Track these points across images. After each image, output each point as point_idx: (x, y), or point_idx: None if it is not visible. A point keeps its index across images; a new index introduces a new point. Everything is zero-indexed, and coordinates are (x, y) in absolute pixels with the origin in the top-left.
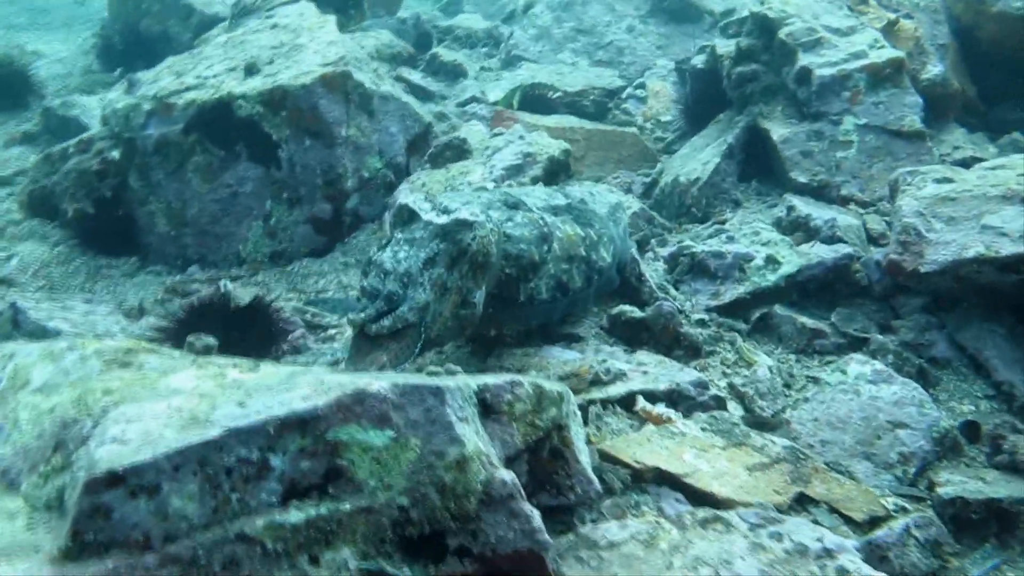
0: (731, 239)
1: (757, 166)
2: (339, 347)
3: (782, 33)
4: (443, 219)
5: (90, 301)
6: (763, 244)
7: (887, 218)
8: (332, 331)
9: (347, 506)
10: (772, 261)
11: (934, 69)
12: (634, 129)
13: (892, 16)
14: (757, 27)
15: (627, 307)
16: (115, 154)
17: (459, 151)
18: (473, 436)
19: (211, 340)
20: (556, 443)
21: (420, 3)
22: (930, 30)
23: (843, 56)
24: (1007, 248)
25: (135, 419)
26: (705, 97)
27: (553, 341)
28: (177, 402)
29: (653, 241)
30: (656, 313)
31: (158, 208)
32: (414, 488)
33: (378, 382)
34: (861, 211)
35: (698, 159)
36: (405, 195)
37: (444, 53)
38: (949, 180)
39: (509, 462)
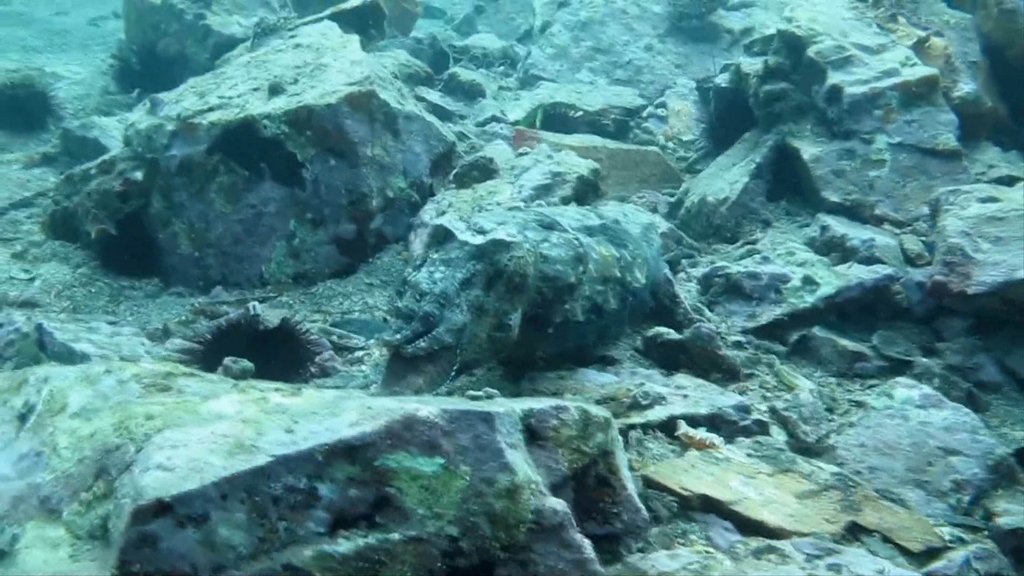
0: (766, 259)
1: (786, 186)
2: (368, 370)
3: (811, 51)
4: (479, 239)
5: (114, 323)
6: (799, 264)
7: (924, 238)
8: (359, 353)
9: (396, 536)
10: (810, 282)
11: (966, 87)
12: (656, 148)
13: (922, 34)
14: (785, 45)
15: (663, 329)
16: (138, 175)
17: (485, 171)
18: (523, 463)
19: (248, 363)
20: (602, 470)
21: (432, 23)
22: (960, 48)
23: (874, 74)
24: None
25: (180, 445)
26: (730, 116)
27: (587, 364)
28: (221, 428)
29: (684, 262)
30: (695, 335)
31: (181, 229)
32: (464, 517)
33: (427, 407)
34: (896, 231)
35: (725, 179)
36: (439, 217)
37: (462, 73)
38: (994, 199)
39: (555, 489)
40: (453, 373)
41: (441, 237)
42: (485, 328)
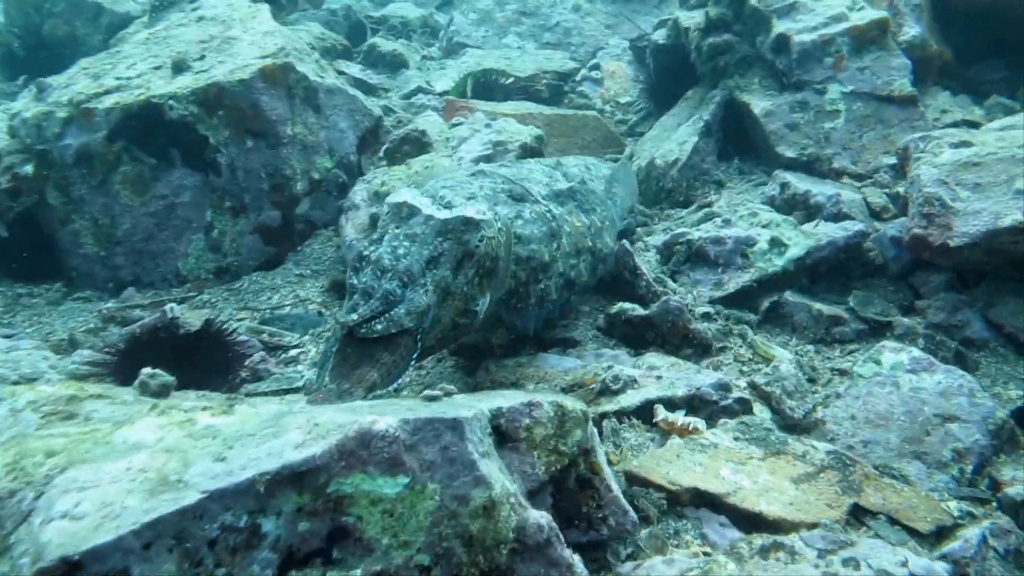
0: (727, 223)
1: (736, 143)
2: (305, 370)
3: None
4: (445, 214)
5: (10, 336)
6: (764, 226)
7: (887, 190)
8: (294, 351)
9: (358, 572)
10: (777, 244)
11: (911, 31)
12: (594, 112)
13: None
14: None
15: (627, 305)
16: (27, 169)
17: (418, 144)
18: (499, 475)
19: (168, 377)
20: (583, 470)
21: None
22: None
23: (822, 20)
24: None
25: (89, 486)
26: (669, 74)
27: (547, 347)
28: (140, 460)
29: (640, 230)
30: (662, 310)
31: (83, 226)
32: (435, 543)
33: (384, 419)
34: (857, 184)
35: (672, 140)
36: (398, 192)
37: (382, 43)
38: (968, 144)
39: (532, 497)
40: (412, 362)
41: (404, 213)
42: (450, 312)
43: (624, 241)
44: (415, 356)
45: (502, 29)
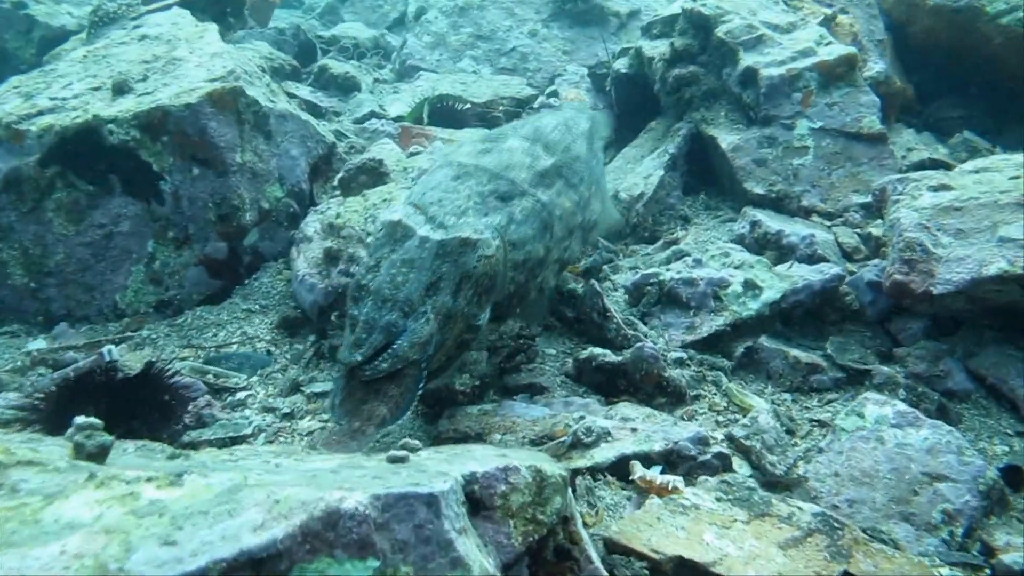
0: (699, 263)
1: (702, 177)
2: (252, 414)
3: (720, 31)
4: (440, 235)
5: None
6: (737, 267)
7: (858, 230)
8: (241, 394)
9: None
10: (751, 286)
11: (876, 66)
12: None
13: (828, 11)
14: (691, 25)
15: (598, 351)
16: None
17: (376, 174)
18: (476, 554)
19: (106, 437)
20: (562, 540)
21: (292, 13)
22: (867, 25)
23: (790, 54)
24: None
25: None
26: (631, 104)
27: (512, 393)
28: (75, 544)
29: (607, 268)
30: (636, 357)
31: (11, 256)
32: None
33: (353, 496)
34: (827, 223)
35: (637, 173)
36: (391, 212)
37: (333, 65)
38: (948, 187)
39: (507, 569)
40: (419, 393)
41: (399, 235)
42: (453, 335)
43: (593, 281)
44: (422, 384)
45: (457, 53)
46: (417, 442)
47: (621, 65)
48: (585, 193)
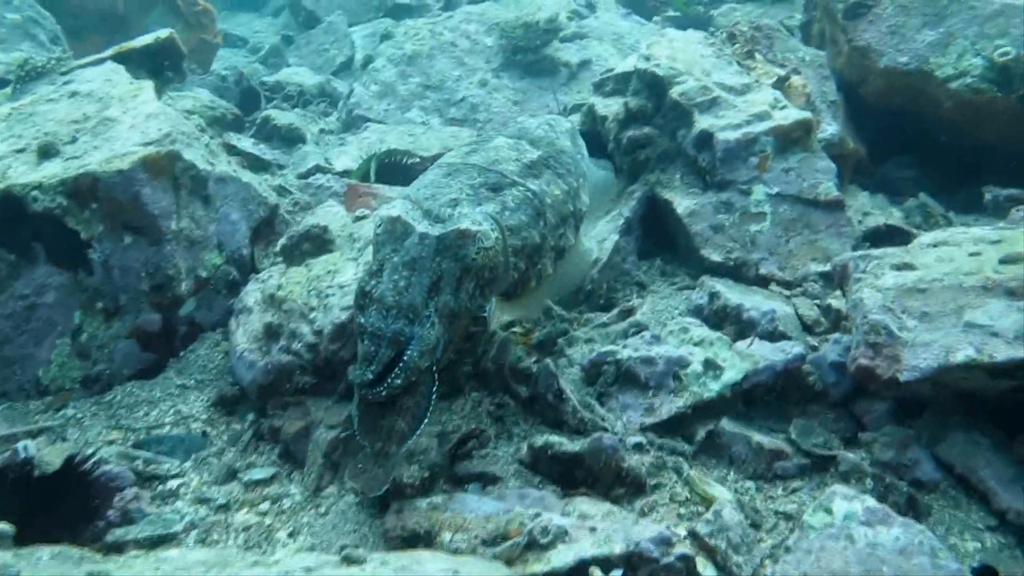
0: (656, 339)
1: (656, 239)
2: (185, 507)
3: (674, 92)
4: (438, 230)
5: None
6: (696, 344)
7: (818, 302)
8: (173, 482)
9: None
10: (712, 366)
11: (829, 128)
12: None
13: (781, 72)
14: (645, 86)
15: (555, 439)
16: None
17: (320, 242)
18: None
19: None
20: None
21: (234, 53)
22: (819, 86)
23: (745, 117)
24: (1002, 351)
25: None
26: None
27: (463, 483)
28: None
29: (560, 341)
30: (595, 448)
31: None
32: None
33: None
34: (786, 292)
35: (591, 236)
36: (389, 208)
37: (277, 116)
38: (911, 267)
39: None
40: (434, 398)
41: (399, 232)
42: (461, 329)
43: (548, 361)
44: (436, 388)
45: (405, 103)
46: (361, 552)
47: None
48: (574, 184)
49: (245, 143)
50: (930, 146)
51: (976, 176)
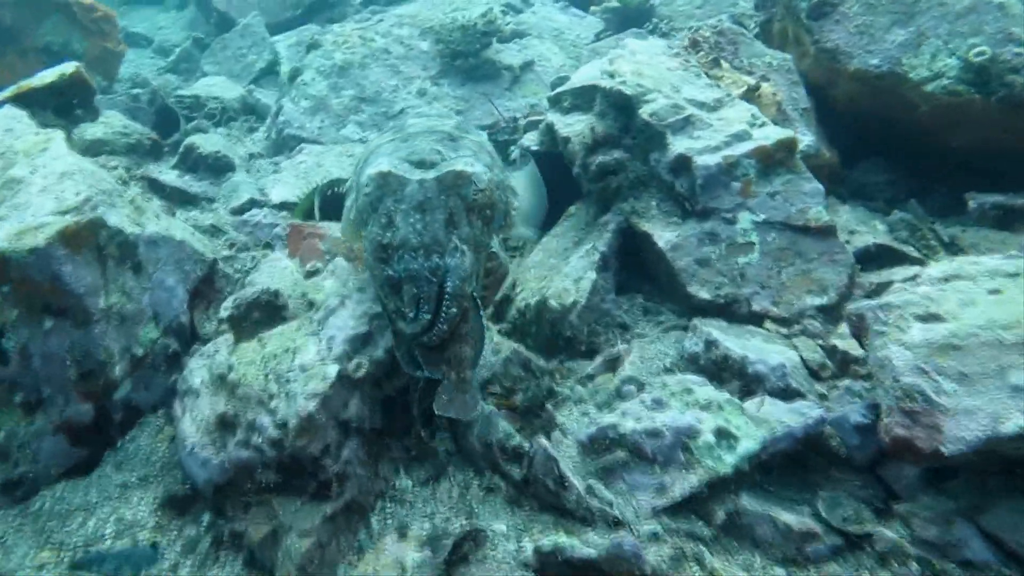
0: (659, 403)
1: (632, 271)
2: None
3: (644, 112)
4: (433, 173)
5: None
6: (703, 408)
7: (820, 341)
8: None
9: None
10: (725, 435)
11: (805, 139)
12: None
13: (751, 81)
14: (612, 107)
15: (565, 541)
16: None
17: (271, 309)
18: None
19: None
20: None
21: (140, 54)
22: (789, 93)
23: (723, 138)
24: None
25: None
26: (545, 184)
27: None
28: None
29: (549, 406)
30: (615, 556)
31: None
32: None
33: None
34: (783, 331)
35: (565, 274)
36: (375, 166)
37: (201, 142)
38: (937, 318)
39: None
40: (484, 318)
41: (395, 185)
42: (483, 262)
43: (543, 442)
44: (483, 313)
45: (339, 118)
46: None
47: (531, 141)
48: (492, 163)
49: (168, 175)
50: (901, 150)
51: (949, 178)
